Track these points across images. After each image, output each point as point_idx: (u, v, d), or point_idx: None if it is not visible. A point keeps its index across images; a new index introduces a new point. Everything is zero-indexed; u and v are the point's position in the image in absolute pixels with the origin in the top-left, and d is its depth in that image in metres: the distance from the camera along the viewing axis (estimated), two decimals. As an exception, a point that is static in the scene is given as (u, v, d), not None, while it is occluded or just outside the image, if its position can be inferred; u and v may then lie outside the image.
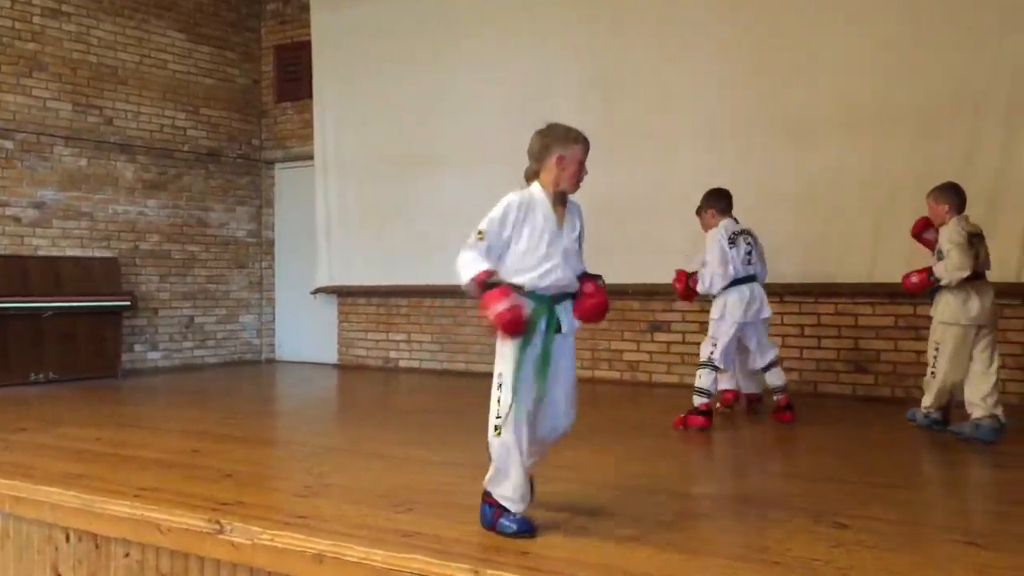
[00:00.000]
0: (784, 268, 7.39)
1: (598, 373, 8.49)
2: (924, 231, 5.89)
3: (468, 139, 9.32)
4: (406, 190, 9.77)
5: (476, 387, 7.41)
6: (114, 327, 9.20)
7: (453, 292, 9.39)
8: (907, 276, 5.74)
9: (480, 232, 3.75)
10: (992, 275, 6.74)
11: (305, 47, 10.64)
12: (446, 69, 9.47)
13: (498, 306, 3.53)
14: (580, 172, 3.99)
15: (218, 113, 10.74)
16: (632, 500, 3.93)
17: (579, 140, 3.99)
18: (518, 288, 3.62)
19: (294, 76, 10.92)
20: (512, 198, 3.83)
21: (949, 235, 5.51)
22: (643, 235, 8.16)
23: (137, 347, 9.87)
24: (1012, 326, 6.78)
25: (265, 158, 11.18)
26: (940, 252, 5.57)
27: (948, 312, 5.53)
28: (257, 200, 11.18)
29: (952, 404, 5.67)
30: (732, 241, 6.09)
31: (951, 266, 5.43)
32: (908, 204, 6.95)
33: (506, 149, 9.01)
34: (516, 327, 3.53)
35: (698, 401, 5.93)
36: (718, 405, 6.49)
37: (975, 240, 5.54)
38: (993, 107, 6.78)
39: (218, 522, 3.55)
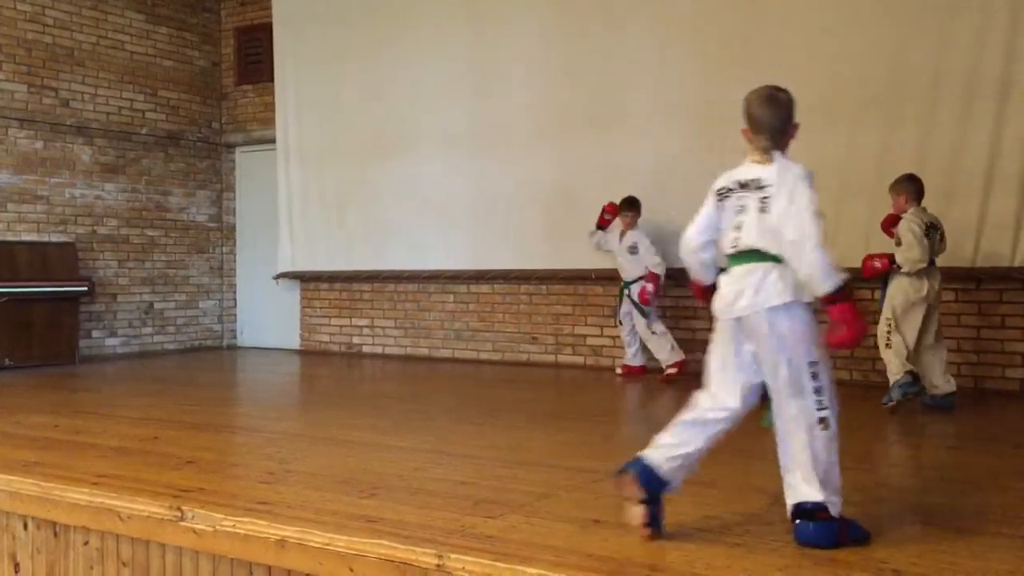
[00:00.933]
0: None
1: (561, 358, 8.52)
2: (893, 225, 6.07)
3: (430, 124, 9.28)
4: (369, 175, 9.71)
5: (440, 372, 7.44)
6: (71, 313, 9.07)
7: (416, 277, 9.41)
8: (869, 260, 5.89)
9: (822, 224, 3.05)
10: (948, 261, 6.89)
11: (266, 29, 10.51)
12: (408, 53, 9.41)
13: (859, 321, 3.06)
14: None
15: (177, 96, 10.59)
16: (593, 483, 3.95)
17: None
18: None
19: (255, 59, 10.79)
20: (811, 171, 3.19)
21: (908, 226, 5.75)
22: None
23: (95, 333, 9.74)
24: (967, 310, 6.90)
25: (226, 141, 11.04)
26: (898, 239, 5.83)
27: (901, 294, 5.83)
28: (218, 184, 11.05)
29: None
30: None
31: (911, 258, 5.70)
32: (866, 192, 7.06)
33: (468, 133, 9.08)
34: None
35: None
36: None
37: (931, 231, 5.82)
38: (948, 95, 6.86)
39: (179, 509, 3.52)
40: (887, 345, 5.86)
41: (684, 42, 7.92)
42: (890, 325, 5.87)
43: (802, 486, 3.09)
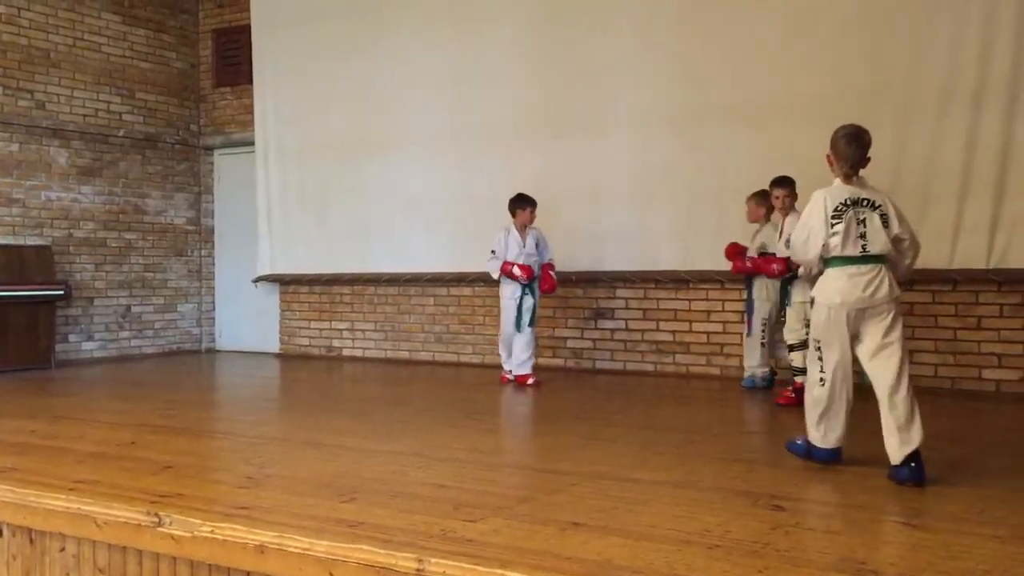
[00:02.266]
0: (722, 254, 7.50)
1: (542, 360, 8.52)
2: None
3: (411, 126, 9.27)
4: (348, 177, 9.69)
5: (420, 375, 7.43)
6: (47, 317, 8.99)
7: (396, 280, 9.39)
8: (767, 264, 6.29)
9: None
10: (925, 263, 6.93)
11: (244, 31, 10.47)
12: (387, 55, 9.40)
13: None
14: None
15: (155, 98, 10.52)
16: (573, 486, 3.96)
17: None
18: None
19: (233, 61, 10.74)
20: None
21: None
22: (587, 223, 8.21)
23: (72, 337, 9.65)
24: (943, 311, 6.96)
25: (204, 144, 10.98)
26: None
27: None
28: (196, 187, 10.99)
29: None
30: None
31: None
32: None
33: (447, 135, 9.07)
34: None
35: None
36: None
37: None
38: (924, 99, 6.92)
39: (157, 515, 3.50)
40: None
41: (665, 47, 7.95)
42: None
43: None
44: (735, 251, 6.85)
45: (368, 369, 9.04)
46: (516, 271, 7.21)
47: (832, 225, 4.13)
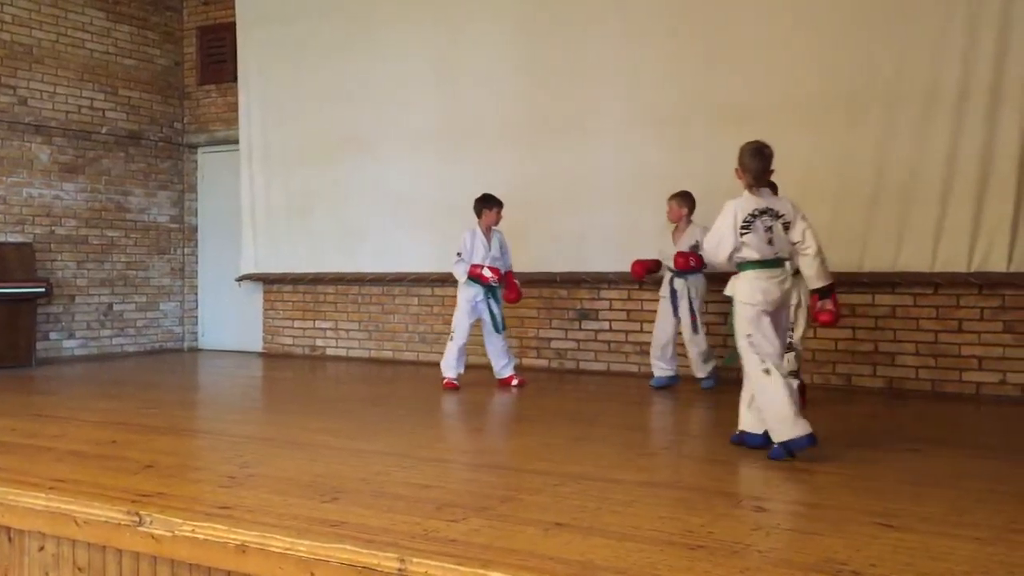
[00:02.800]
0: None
1: (526, 361, 8.52)
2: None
3: (395, 125, 9.26)
4: (333, 176, 9.66)
5: (404, 375, 7.41)
6: (28, 314, 8.92)
7: (381, 279, 9.37)
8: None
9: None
10: (907, 266, 7.00)
11: (229, 29, 10.42)
12: (373, 54, 9.38)
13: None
14: None
15: (138, 95, 10.47)
16: (556, 486, 3.96)
17: None
18: None
19: (218, 58, 10.69)
20: None
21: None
22: (572, 223, 8.22)
23: (52, 335, 9.59)
24: (925, 314, 7.01)
25: (188, 142, 10.93)
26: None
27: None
28: (179, 185, 10.93)
29: None
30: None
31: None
32: (829, 196, 7.14)
33: (432, 135, 9.06)
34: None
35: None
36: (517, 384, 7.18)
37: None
38: (908, 103, 6.96)
39: (137, 514, 3.48)
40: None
41: (652, 48, 7.96)
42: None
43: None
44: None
45: (352, 369, 9.01)
46: (487, 272, 7.07)
47: (741, 234, 4.63)
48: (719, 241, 4.69)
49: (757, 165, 4.74)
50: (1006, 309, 6.76)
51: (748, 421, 4.83)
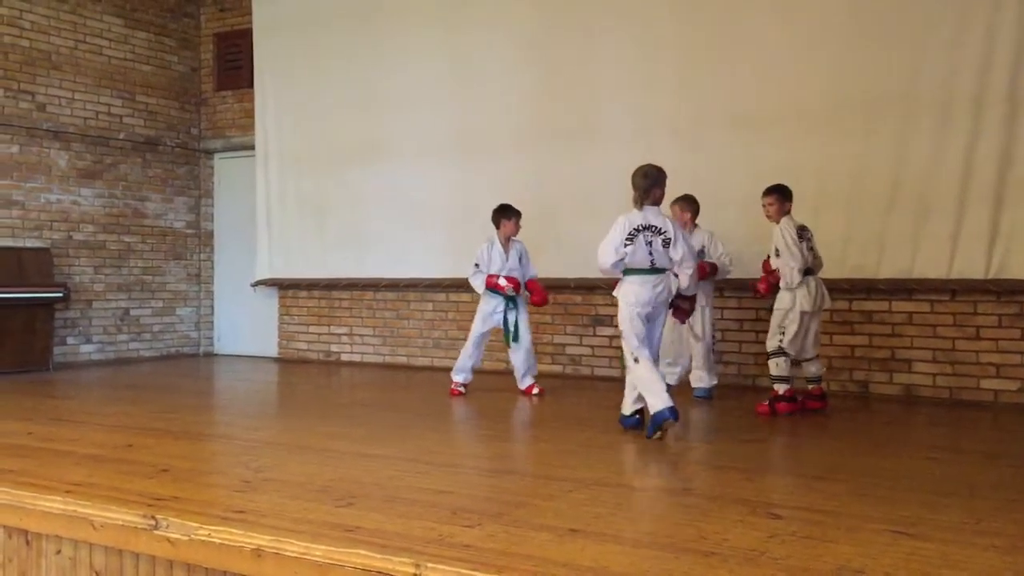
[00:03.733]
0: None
1: (541, 367, 8.51)
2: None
3: (410, 130, 9.28)
4: (348, 182, 9.70)
5: (418, 381, 7.42)
6: (46, 319, 8.99)
7: (395, 285, 9.39)
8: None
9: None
10: (924, 273, 6.96)
11: (246, 35, 10.48)
12: (389, 60, 9.42)
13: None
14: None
15: (156, 101, 10.54)
16: (570, 492, 3.95)
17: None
18: None
19: (235, 65, 10.76)
20: None
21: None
22: (586, 229, 8.18)
23: (70, 340, 9.65)
24: (942, 321, 6.97)
25: (204, 147, 10.99)
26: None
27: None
28: (196, 190, 10.99)
29: None
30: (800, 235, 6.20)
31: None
32: (842, 201, 7.12)
33: (447, 141, 9.07)
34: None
35: (782, 388, 6.17)
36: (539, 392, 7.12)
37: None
38: (924, 108, 6.93)
39: (153, 517, 3.49)
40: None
41: (663, 55, 7.96)
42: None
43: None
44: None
45: (366, 374, 9.03)
46: (503, 282, 7.03)
47: (625, 245, 5.35)
48: (606, 250, 5.39)
49: (644, 184, 5.46)
50: (1024, 316, 6.72)
51: (626, 405, 5.61)
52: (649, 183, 5.44)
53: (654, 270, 5.40)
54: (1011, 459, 4.99)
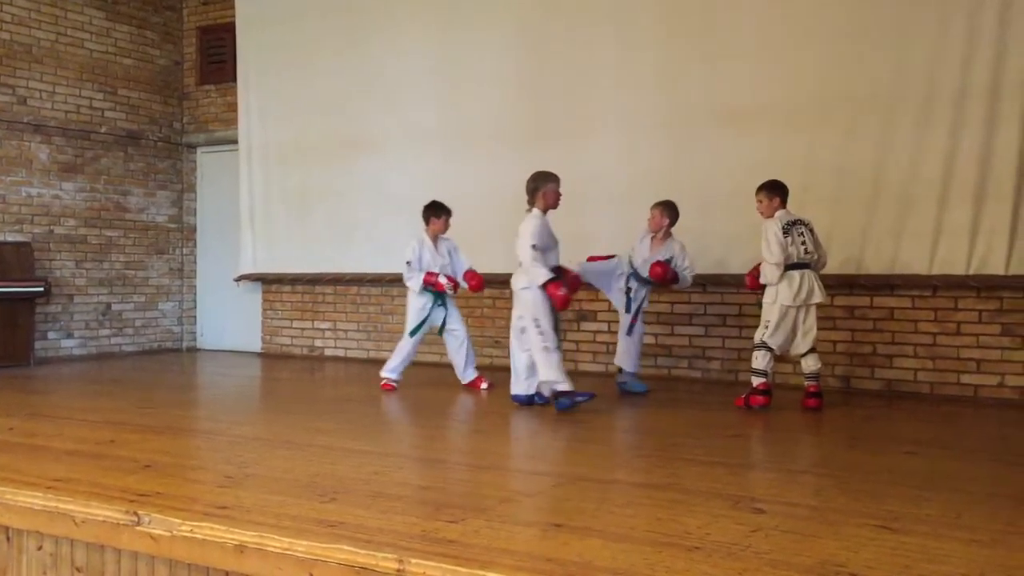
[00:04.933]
0: (707, 259, 7.53)
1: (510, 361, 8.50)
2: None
3: (394, 126, 9.26)
4: (332, 176, 9.66)
5: (402, 376, 7.40)
6: (27, 313, 8.92)
7: (380, 280, 9.36)
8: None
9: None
10: (906, 269, 7.00)
11: (229, 29, 10.42)
12: (372, 54, 9.38)
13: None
14: (557, 199, 6.25)
15: (138, 95, 10.46)
16: (554, 487, 3.96)
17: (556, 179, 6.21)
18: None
19: (218, 58, 10.69)
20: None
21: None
22: (571, 225, 8.17)
23: (51, 334, 9.58)
24: (923, 316, 7.01)
25: (187, 142, 10.93)
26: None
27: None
28: (178, 184, 10.93)
29: None
30: (786, 231, 6.18)
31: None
32: (826, 198, 7.15)
33: (432, 136, 9.05)
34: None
35: (756, 381, 6.16)
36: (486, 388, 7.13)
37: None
38: (906, 105, 6.97)
39: (135, 513, 3.47)
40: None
41: (650, 51, 7.96)
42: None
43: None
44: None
45: (350, 369, 9.01)
46: (443, 280, 7.07)
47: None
48: (525, 244, 6.08)
49: (527, 189, 6.32)
50: (1004, 312, 6.76)
51: (521, 386, 6.23)
52: (529, 183, 6.20)
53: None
54: (991, 454, 5.03)
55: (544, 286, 6.06)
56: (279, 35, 9.96)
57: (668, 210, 6.89)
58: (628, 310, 6.99)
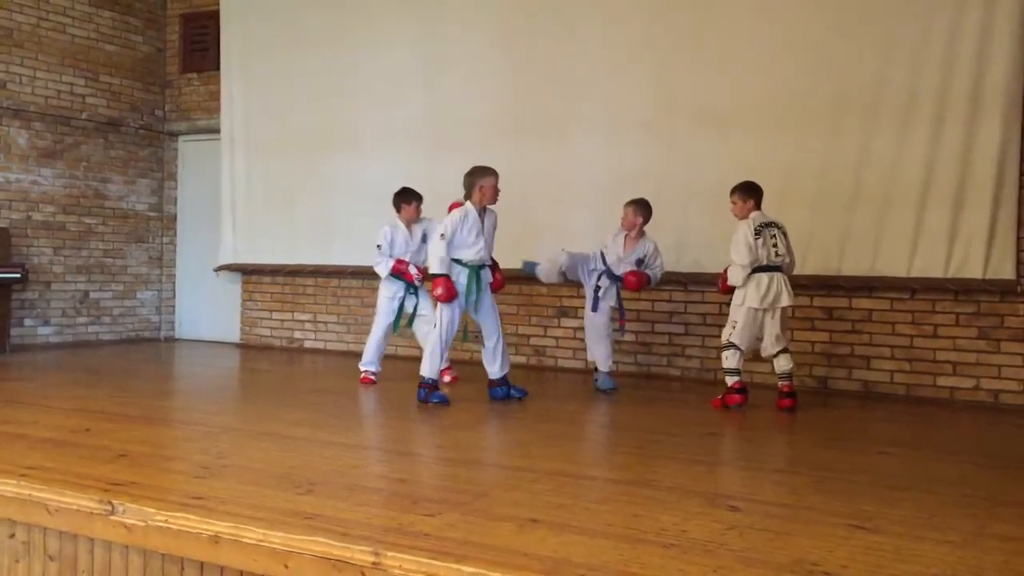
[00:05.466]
0: (688, 258, 7.56)
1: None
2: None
3: (378, 119, 9.23)
4: (314, 168, 9.62)
5: (382, 369, 7.38)
6: (3, 300, 8.84)
7: (360, 273, 9.33)
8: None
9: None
10: (885, 271, 7.04)
11: (213, 17, 10.35)
12: (356, 47, 9.34)
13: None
14: (495, 193, 6.36)
15: (119, 81, 10.37)
16: (531, 483, 3.96)
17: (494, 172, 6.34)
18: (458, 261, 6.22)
19: (201, 46, 10.61)
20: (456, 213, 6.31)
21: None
22: (551, 221, 8.21)
23: (27, 322, 9.50)
24: (901, 319, 7.06)
25: (169, 130, 10.85)
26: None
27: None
28: (159, 173, 10.85)
29: None
30: (758, 233, 6.13)
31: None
32: (808, 199, 7.18)
33: (416, 131, 9.03)
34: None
35: (730, 381, 6.18)
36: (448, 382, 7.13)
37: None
38: (887, 109, 7.01)
39: (110, 503, 3.45)
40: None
41: (635, 51, 7.96)
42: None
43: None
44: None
45: (329, 362, 8.98)
46: (413, 271, 7.05)
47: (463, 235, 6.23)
48: (439, 241, 6.19)
49: (465, 186, 6.42)
50: (981, 315, 6.83)
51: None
52: (466, 181, 6.38)
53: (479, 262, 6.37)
54: (965, 455, 5.08)
55: (432, 277, 6.17)
56: (263, 26, 9.90)
57: (642, 209, 6.89)
58: (595, 309, 6.97)
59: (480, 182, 6.31)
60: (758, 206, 6.27)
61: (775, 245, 6.17)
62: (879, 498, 3.84)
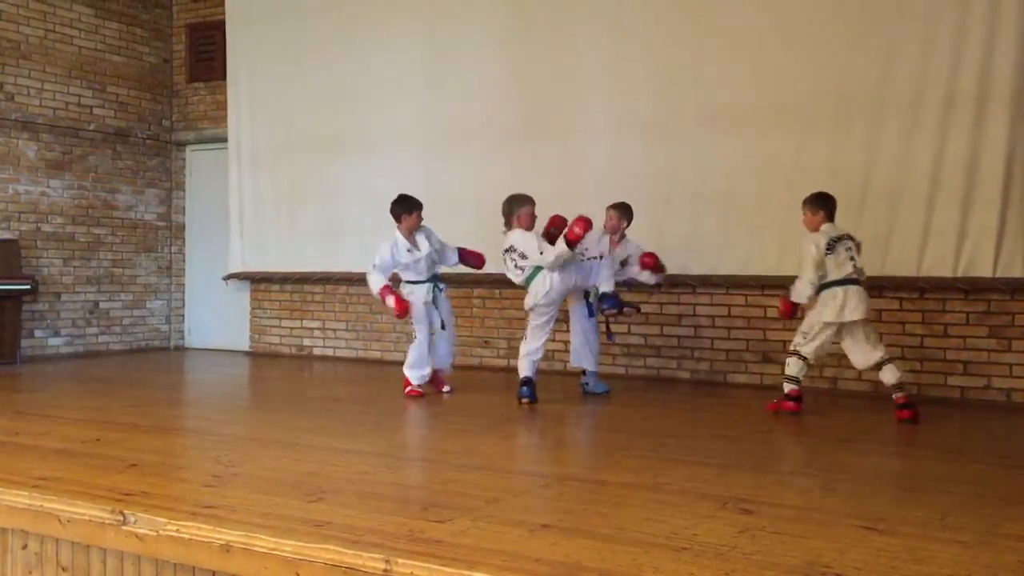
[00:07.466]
0: (697, 260, 7.55)
1: (513, 362, 8.47)
2: None
3: (384, 124, 9.24)
4: (321, 175, 9.64)
5: (391, 375, 7.40)
6: (13, 311, 8.87)
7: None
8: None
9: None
10: (894, 271, 7.01)
11: (219, 26, 10.39)
12: (364, 52, 9.36)
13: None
14: (532, 220, 6.81)
15: (126, 92, 10.42)
16: (542, 487, 3.96)
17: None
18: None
19: (207, 56, 10.65)
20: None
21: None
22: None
23: (38, 333, 9.53)
24: (911, 318, 7.03)
25: (176, 139, 10.89)
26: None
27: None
28: (167, 182, 10.89)
29: None
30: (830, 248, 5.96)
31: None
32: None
33: (421, 135, 9.04)
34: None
35: (788, 388, 6.12)
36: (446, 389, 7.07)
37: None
38: (894, 107, 6.99)
39: (121, 513, 3.46)
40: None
41: (639, 52, 7.96)
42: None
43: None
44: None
45: (339, 369, 9.00)
46: (391, 303, 6.69)
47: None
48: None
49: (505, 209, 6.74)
50: (991, 314, 6.79)
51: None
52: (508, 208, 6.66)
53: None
54: (976, 455, 5.05)
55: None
56: (269, 33, 9.93)
57: (625, 212, 6.90)
58: (591, 314, 6.95)
59: (518, 211, 6.65)
60: (830, 218, 6.03)
61: (852, 258, 5.94)
62: (891, 499, 3.82)
